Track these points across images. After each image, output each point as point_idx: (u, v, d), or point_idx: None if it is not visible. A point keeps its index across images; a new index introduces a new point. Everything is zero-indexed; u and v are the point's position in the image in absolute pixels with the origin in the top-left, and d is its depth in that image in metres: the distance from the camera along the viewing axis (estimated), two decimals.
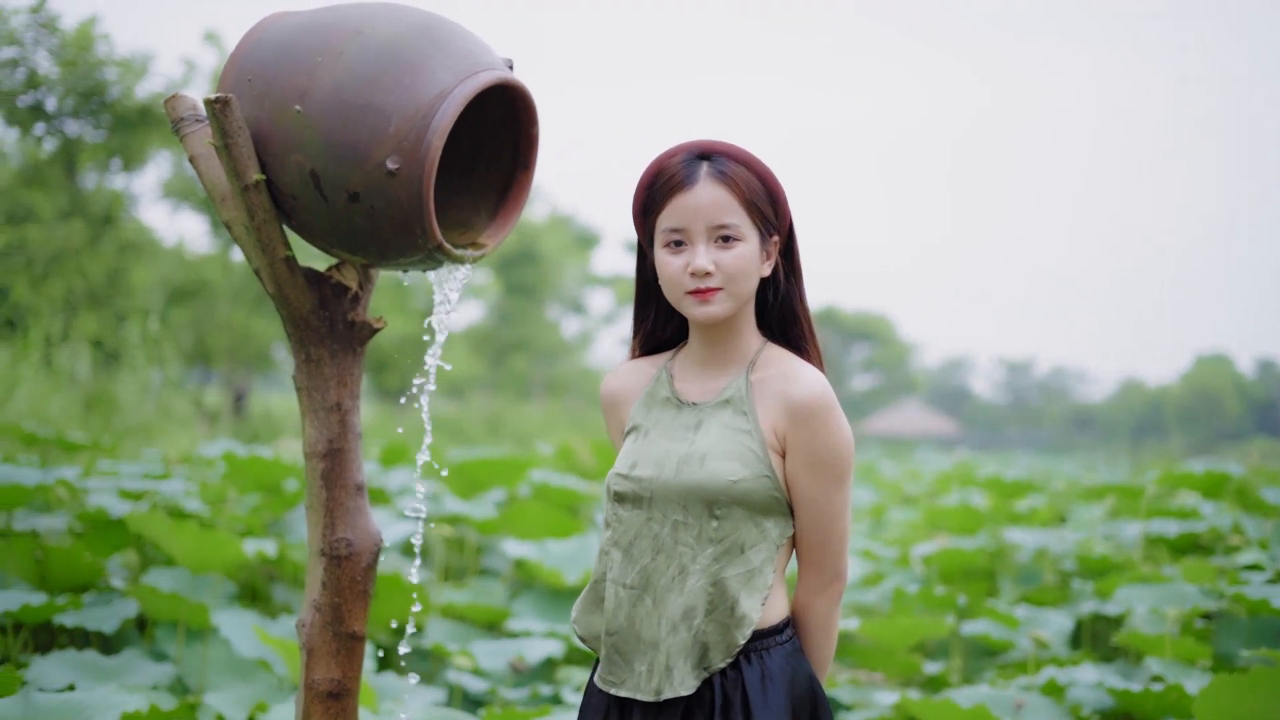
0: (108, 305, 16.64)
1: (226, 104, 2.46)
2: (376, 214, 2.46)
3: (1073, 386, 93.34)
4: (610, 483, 2.43)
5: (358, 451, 2.73)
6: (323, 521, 2.69)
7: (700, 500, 2.34)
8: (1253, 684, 3.80)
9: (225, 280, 21.99)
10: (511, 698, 5.01)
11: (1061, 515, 10.01)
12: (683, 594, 2.35)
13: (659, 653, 2.36)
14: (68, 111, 15.85)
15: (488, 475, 7.99)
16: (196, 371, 23.72)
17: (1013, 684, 5.11)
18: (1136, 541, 7.53)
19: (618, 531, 2.41)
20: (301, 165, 2.47)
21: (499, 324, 36.87)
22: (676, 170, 2.36)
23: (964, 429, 74.52)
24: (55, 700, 3.71)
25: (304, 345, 2.70)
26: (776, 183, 2.40)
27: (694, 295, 2.36)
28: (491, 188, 2.74)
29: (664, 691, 2.34)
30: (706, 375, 2.47)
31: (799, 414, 2.37)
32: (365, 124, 2.43)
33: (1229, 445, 46.32)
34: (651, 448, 2.42)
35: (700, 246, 2.34)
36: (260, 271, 2.64)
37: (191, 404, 16.22)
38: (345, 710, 2.71)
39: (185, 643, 4.96)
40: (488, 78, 2.49)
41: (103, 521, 5.46)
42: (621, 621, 2.39)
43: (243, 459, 6.13)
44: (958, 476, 14.74)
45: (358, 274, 2.73)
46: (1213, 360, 76.52)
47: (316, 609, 2.70)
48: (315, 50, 2.48)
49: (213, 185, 2.67)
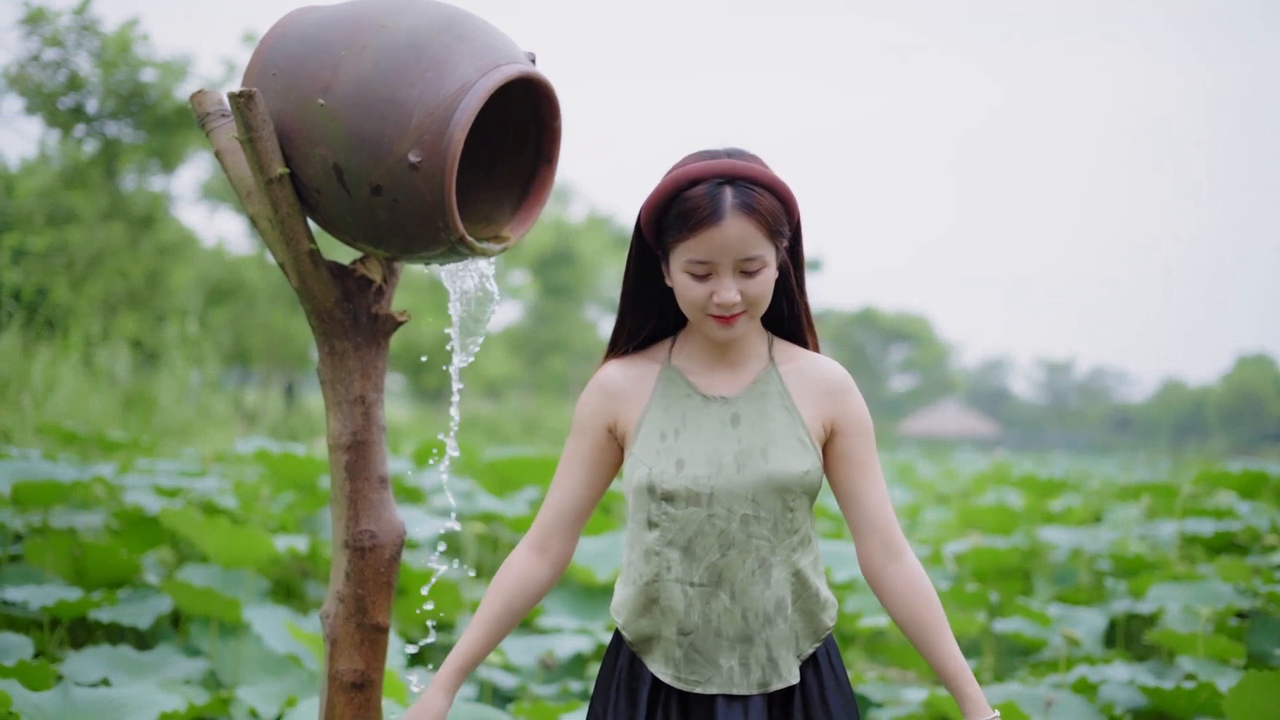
0: (147, 306, 16.78)
1: (250, 98, 2.48)
2: (399, 207, 2.47)
3: (1113, 387, 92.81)
4: (654, 482, 2.38)
5: (382, 444, 2.75)
6: (346, 514, 2.71)
7: (773, 492, 2.38)
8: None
9: (264, 280, 22.13)
10: (541, 694, 5.02)
11: (1097, 515, 9.95)
12: (770, 586, 2.39)
13: (754, 646, 2.38)
14: (108, 113, 15.98)
15: (521, 474, 8.01)
16: (235, 372, 23.87)
17: (1044, 682, 5.09)
18: (1172, 541, 7.49)
19: (670, 531, 2.38)
20: (325, 159, 2.49)
21: (536, 324, 36.97)
22: (701, 202, 2.31)
23: (1003, 430, 74.12)
24: (93, 695, 3.74)
25: (328, 338, 2.71)
26: (792, 197, 2.38)
27: (717, 320, 2.37)
28: (515, 181, 2.75)
29: (771, 684, 2.39)
30: (721, 369, 2.48)
31: (840, 393, 2.48)
32: (388, 117, 2.44)
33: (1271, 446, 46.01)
34: (695, 445, 2.40)
35: (727, 279, 2.33)
36: (285, 265, 2.66)
37: (230, 404, 16.33)
38: (368, 701, 2.73)
39: (218, 638, 4.99)
40: (510, 71, 2.50)
41: (139, 518, 5.51)
42: (696, 620, 2.38)
43: (276, 456, 6.16)
44: (994, 476, 14.67)
45: (381, 267, 2.75)
46: (1254, 360, 75.84)
47: (340, 600, 2.72)
48: (339, 44, 2.50)
49: (238, 180, 2.69)
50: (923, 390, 76.34)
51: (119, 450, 7.25)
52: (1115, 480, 14.06)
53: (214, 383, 16.23)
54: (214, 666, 4.89)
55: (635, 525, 2.44)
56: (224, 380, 21.12)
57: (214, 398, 14.93)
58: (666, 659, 2.40)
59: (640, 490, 2.40)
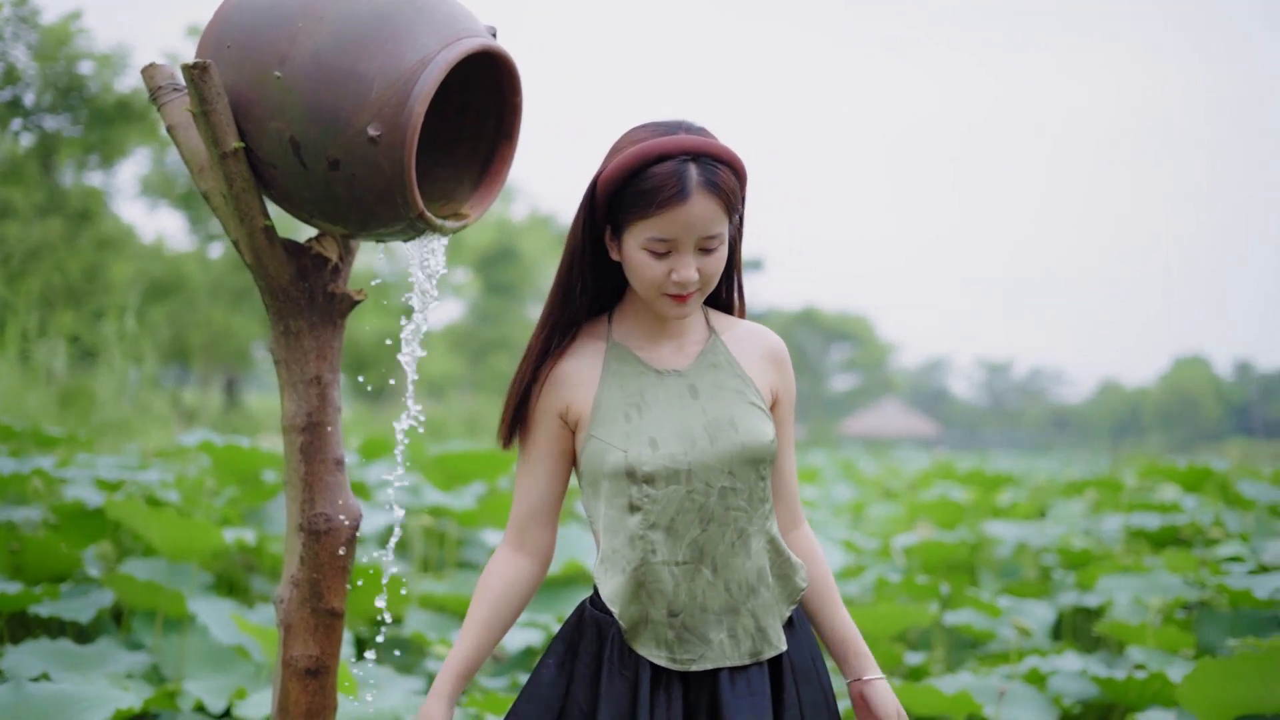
0: (85, 301, 16.56)
1: (205, 70, 2.41)
2: (357, 182, 2.42)
3: (1051, 388, 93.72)
4: (634, 465, 2.33)
5: (337, 426, 2.69)
6: (301, 496, 2.65)
7: (747, 462, 2.37)
8: (1236, 670, 3.79)
9: (204, 276, 21.92)
10: (491, 686, 4.98)
11: (1041, 510, 10.02)
12: (750, 556, 2.38)
13: (740, 617, 2.37)
14: (45, 107, 15.76)
15: (469, 468, 7.95)
16: (174, 370, 23.63)
17: (995, 672, 5.10)
18: (1117, 535, 7.53)
19: (653, 513, 2.34)
20: (281, 132, 2.43)
21: (478, 323, 36.84)
22: (668, 180, 2.27)
23: (943, 429, 74.66)
24: (46, 691, 3.66)
25: (282, 317, 2.65)
26: (745, 172, 2.37)
27: (673, 298, 2.35)
28: (474, 158, 2.70)
29: (764, 652, 2.39)
30: (664, 342, 2.46)
31: (783, 362, 2.53)
32: (346, 90, 2.39)
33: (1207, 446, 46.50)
34: (663, 422, 2.37)
35: (688, 257, 2.31)
36: (239, 242, 2.60)
37: (169, 402, 16.14)
38: (324, 688, 2.67)
39: (161, 632, 4.91)
40: (471, 44, 2.46)
41: (79, 512, 5.41)
42: (684, 599, 2.35)
43: (220, 447, 6.07)
44: (938, 472, 14.74)
45: (338, 245, 2.70)
46: (1191, 362, 76.94)
47: (295, 585, 2.66)
48: (296, 15, 2.44)
49: (191, 155, 2.63)
50: (863, 390, 76.69)
51: (57, 446, 7.13)
52: (1057, 478, 14.15)
53: (152, 380, 16.04)
54: (157, 661, 4.80)
55: (614, 511, 2.38)
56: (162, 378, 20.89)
57: (152, 395, 14.75)
58: (658, 642, 2.36)
59: (617, 475, 2.35)
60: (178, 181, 22.11)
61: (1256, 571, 5.81)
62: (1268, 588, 5.26)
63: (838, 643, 2.53)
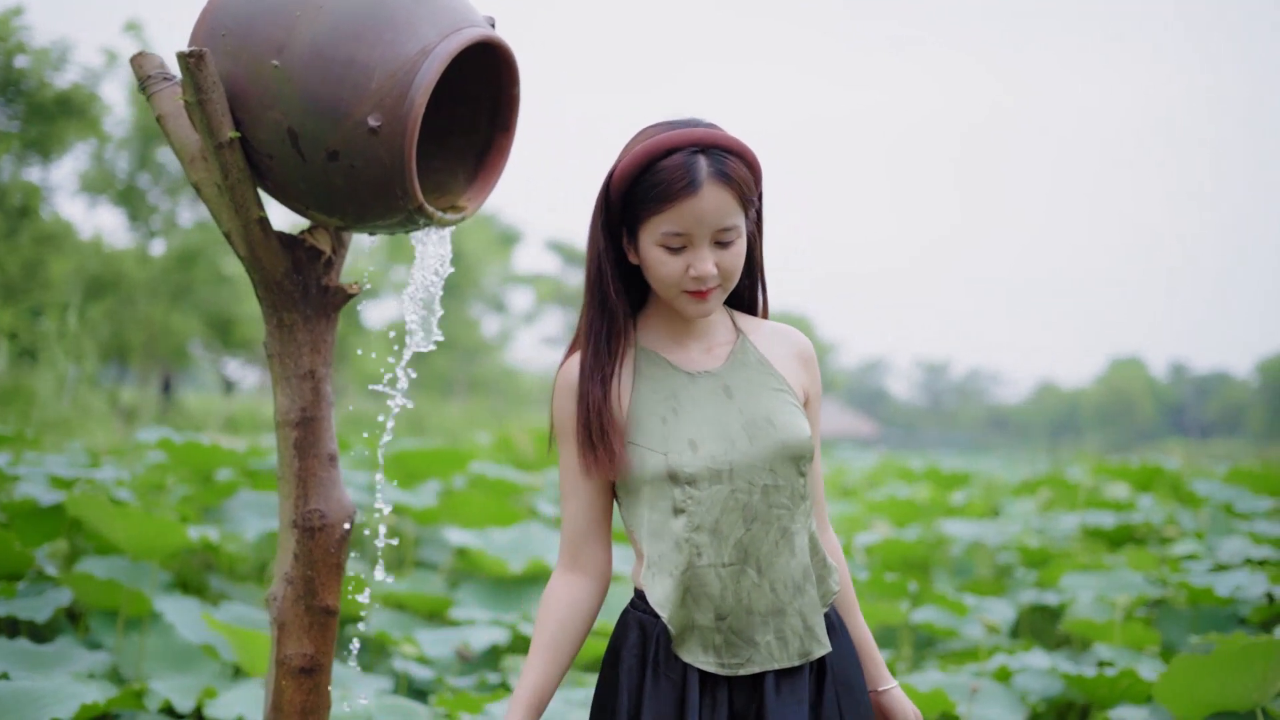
0: (23, 298, 16.33)
1: (201, 58, 2.37)
2: (356, 173, 2.38)
3: (989, 388, 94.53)
4: (675, 468, 2.30)
5: (331, 420, 2.65)
6: (295, 492, 2.61)
7: (788, 459, 2.33)
8: (1214, 666, 3.81)
9: (143, 274, 21.68)
10: (459, 685, 4.94)
11: (994, 509, 10.08)
12: (794, 554, 2.34)
13: (787, 617, 2.33)
14: None
15: (426, 466, 7.90)
16: (112, 368, 23.36)
17: (963, 670, 5.11)
18: (1070, 533, 7.59)
19: (697, 515, 2.30)
20: (279, 122, 2.39)
21: None
22: (677, 172, 2.24)
23: (882, 429, 75.01)
24: (9, 688, 3.61)
25: (276, 310, 2.61)
26: (758, 165, 2.35)
27: (693, 295, 2.31)
28: (468, 150, 2.67)
29: (812, 652, 2.35)
30: (691, 345, 2.42)
31: (810, 361, 2.50)
32: (346, 80, 2.35)
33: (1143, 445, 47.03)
34: (700, 423, 2.34)
35: (704, 250, 2.27)
36: (231, 234, 2.55)
37: (107, 400, 15.95)
38: (318, 686, 2.64)
39: (122, 632, 4.83)
40: (472, 34, 2.43)
41: (31, 510, 5.31)
42: (731, 602, 2.30)
43: (180, 445, 5.99)
44: (893, 470, 14.81)
45: (330, 238, 2.66)
46: (1126, 363, 77.82)
47: (288, 582, 2.62)
48: (293, 4, 2.40)
49: (181, 145, 2.58)
50: None
51: (4, 444, 7.01)
52: (1001, 477, 14.24)
53: (91, 378, 15.84)
54: (117, 661, 4.73)
55: (658, 515, 2.33)
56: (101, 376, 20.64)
57: (91, 394, 14.57)
58: (705, 646, 2.31)
59: (659, 479, 2.31)
60: (116, 178, 21.87)
61: (1216, 569, 5.86)
62: (1228, 585, 5.32)
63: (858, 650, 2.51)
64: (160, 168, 21.97)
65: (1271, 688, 3.81)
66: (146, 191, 22.11)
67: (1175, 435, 61.13)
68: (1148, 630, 5.19)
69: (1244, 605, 5.35)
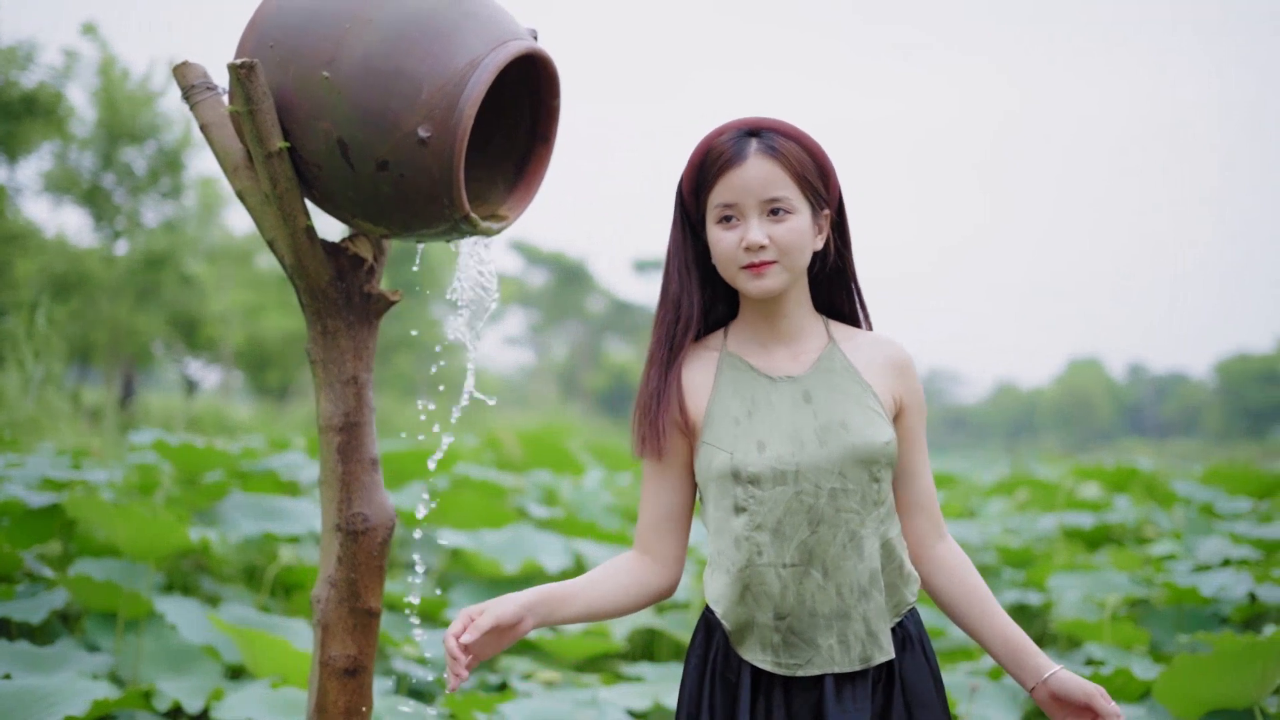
0: None
1: (252, 69, 2.41)
2: (405, 183, 2.43)
3: (947, 388, 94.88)
4: (738, 466, 2.33)
5: (373, 425, 2.70)
6: (338, 496, 2.65)
7: (859, 464, 2.33)
8: (1214, 665, 3.87)
9: (107, 274, 21.57)
10: (462, 686, 4.97)
11: (969, 510, 10.16)
12: (863, 559, 2.34)
13: (851, 622, 2.33)
14: None
15: (411, 467, 7.90)
16: (74, 368, 23.20)
17: (958, 669, 5.17)
18: (1048, 534, 7.67)
19: (759, 514, 2.33)
20: (329, 133, 2.43)
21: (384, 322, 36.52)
22: (726, 147, 2.33)
23: None
24: (16, 687, 3.62)
25: (320, 317, 2.65)
26: (825, 156, 2.39)
27: (749, 270, 2.34)
28: (508, 159, 2.72)
29: (874, 658, 2.34)
30: (779, 350, 2.44)
31: (907, 370, 2.48)
32: (396, 91, 2.40)
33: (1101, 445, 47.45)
34: (772, 425, 2.36)
35: (753, 221, 2.32)
36: (276, 243, 2.59)
37: (70, 401, 15.85)
38: (361, 686, 2.68)
39: (117, 633, 4.84)
40: (518, 47, 2.48)
41: (18, 512, 5.28)
42: (792, 602, 2.33)
43: (175, 447, 6.00)
44: None
45: (371, 246, 2.70)
46: (1085, 364, 78.35)
47: (332, 585, 2.66)
48: (343, 16, 2.44)
49: (224, 154, 2.62)
50: None
51: None
52: (969, 477, 14.32)
53: (56, 378, 15.73)
54: (116, 662, 4.73)
55: (720, 512, 2.38)
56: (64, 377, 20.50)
57: (55, 394, 14.47)
58: (764, 645, 2.34)
59: (723, 477, 2.35)
60: (81, 178, 21.75)
61: (1198, 569, 5.95)
62: (1212, 585, 5.39)
63: (1010, 651, 2.42)
64: (125, 168, 21.87)
65: (1269, 686, 3.89)
66: (111, 192, 21.99)
67: (1133, 435, 61.66)
68: (1137, 629, 5.26)
69: (1226, 605, 5.43)
